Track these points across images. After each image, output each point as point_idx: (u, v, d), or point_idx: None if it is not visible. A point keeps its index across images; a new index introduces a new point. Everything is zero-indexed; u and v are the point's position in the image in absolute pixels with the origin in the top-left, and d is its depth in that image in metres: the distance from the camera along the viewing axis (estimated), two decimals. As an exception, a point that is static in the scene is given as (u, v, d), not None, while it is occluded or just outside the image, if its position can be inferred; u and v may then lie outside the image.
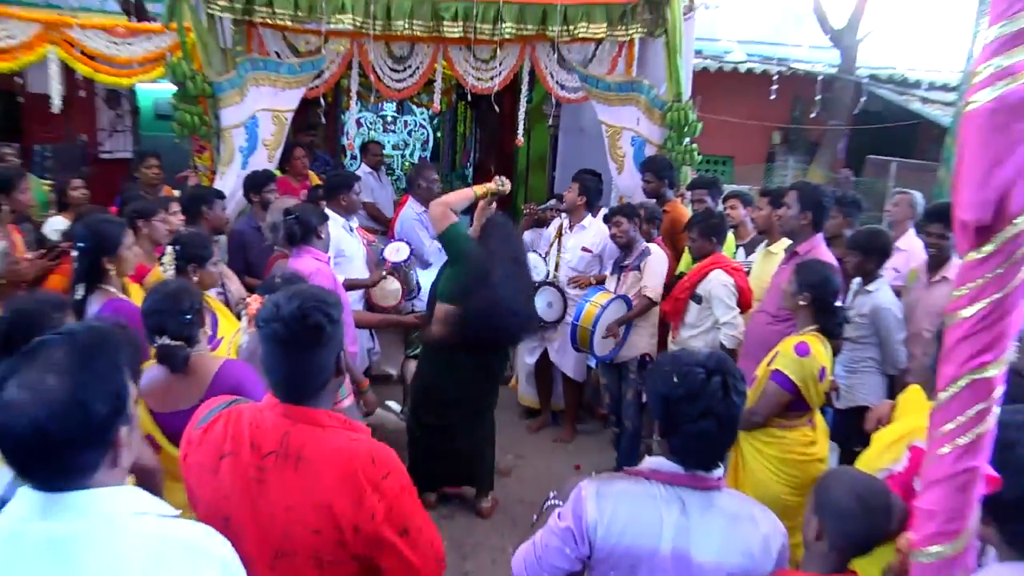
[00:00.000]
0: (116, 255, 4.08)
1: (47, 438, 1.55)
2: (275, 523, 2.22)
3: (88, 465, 1.62)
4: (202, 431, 2.35)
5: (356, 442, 2.29)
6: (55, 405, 1.56)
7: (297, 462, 2.22)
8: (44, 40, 6.97)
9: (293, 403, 2.28)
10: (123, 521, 1.64)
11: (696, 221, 5.84)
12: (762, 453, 4.23)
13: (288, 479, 2.22)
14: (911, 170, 12.20)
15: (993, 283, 1.56)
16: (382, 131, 15.62)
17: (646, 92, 7.16)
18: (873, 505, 2.41)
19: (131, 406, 1.72)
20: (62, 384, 1.57)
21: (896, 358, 5.20)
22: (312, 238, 5.00)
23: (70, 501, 1.60)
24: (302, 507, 2.21)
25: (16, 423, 1.55)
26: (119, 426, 1.66)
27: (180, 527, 1.71)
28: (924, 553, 1.72)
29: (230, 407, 2.38)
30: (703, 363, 2.33)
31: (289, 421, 2.27)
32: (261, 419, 2.29)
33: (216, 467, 2.27)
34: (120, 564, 1.59)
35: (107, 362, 1.66)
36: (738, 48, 14.71)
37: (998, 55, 1.49)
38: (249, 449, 2.25)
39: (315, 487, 2.21)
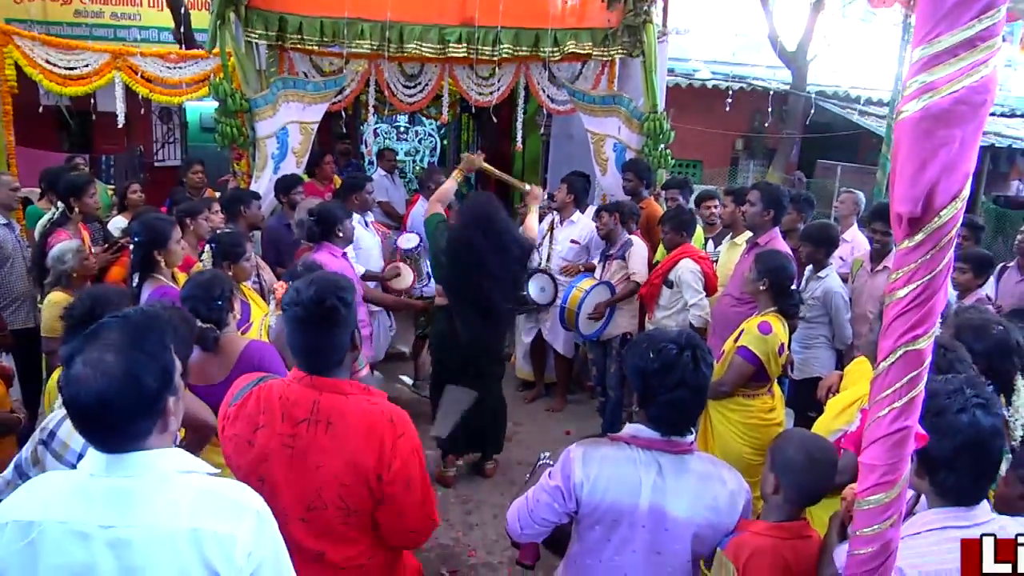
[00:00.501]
0: (166, 248, 4.14)
1: (107, 408, 1.59)
2: (307, 482, 2.25)
3: (142, 432, 1.66)
4: (237, 407, 2.37)
5: (376, 405, 2.32)
6: (113, 380, 1.59)
7: (327, 426, 2.25)
8: (111, 67, 7.05)
9: (318, 375, 2.30)
10: (172, 477, 1.68)
11: (668, 217, 5.86)
12: (728, 419, 4.24)
13: (320, 442, 2.25)
14: (854, 173, 12.24)
15: (923, 267, 1.57)
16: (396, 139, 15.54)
17: (626, 105, 7.16)
18: (820, 460, 2.42)
19: (177, 379, 1.74)
20: (118, 361, 1.60)
21: (844, 334, 5.23)
22: (331, 235, 5.05)
23: (128, 460, 1.65)
24: (333, 465, 2.24)
25: (82, 395, 1.59)
26: (167, 397, 1.69)
27: (221, 483, 1.74)
28: (866, 501, 1.73)
29: (260, 384, 2.40)
30: (675, 340, 2.34)
31: (316, 391, 2.29)
32: (290, 392, 2.31)
33: (252, 438, 2.30)
34: (168, 511, 1.63)
35: (156, 341, 1.68)
36: (705, 67, 14.71)
37: (922, 72, 1.51)
38: (280, 420, 2.28)
39: (344, 446, 2.24)
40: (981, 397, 1.97)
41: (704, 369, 2.33)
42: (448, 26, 6.61)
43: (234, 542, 1.63)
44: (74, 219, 5.27)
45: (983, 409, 1.94)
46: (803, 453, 2.41)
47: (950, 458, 1.92)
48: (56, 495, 1.67)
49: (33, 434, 2.60)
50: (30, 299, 5.32)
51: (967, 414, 1.93)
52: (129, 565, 1.60)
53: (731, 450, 4.12)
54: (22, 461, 2.56)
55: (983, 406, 1.95)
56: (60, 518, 1.62)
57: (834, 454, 2.50)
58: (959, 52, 1.46)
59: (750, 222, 5.22)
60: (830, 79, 14.96)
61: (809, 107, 13.50)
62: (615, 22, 6.92)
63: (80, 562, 1.60)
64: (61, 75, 7.01)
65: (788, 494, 2.40)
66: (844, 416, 3.16)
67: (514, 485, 5.30)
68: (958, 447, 1.92)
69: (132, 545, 1.60)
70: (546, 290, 6.60)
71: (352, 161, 9.85)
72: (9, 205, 5.47)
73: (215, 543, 1.62)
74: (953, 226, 1.55)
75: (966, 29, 1.45)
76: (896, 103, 8.03)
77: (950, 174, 1.51)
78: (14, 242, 5.35)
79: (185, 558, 1.60)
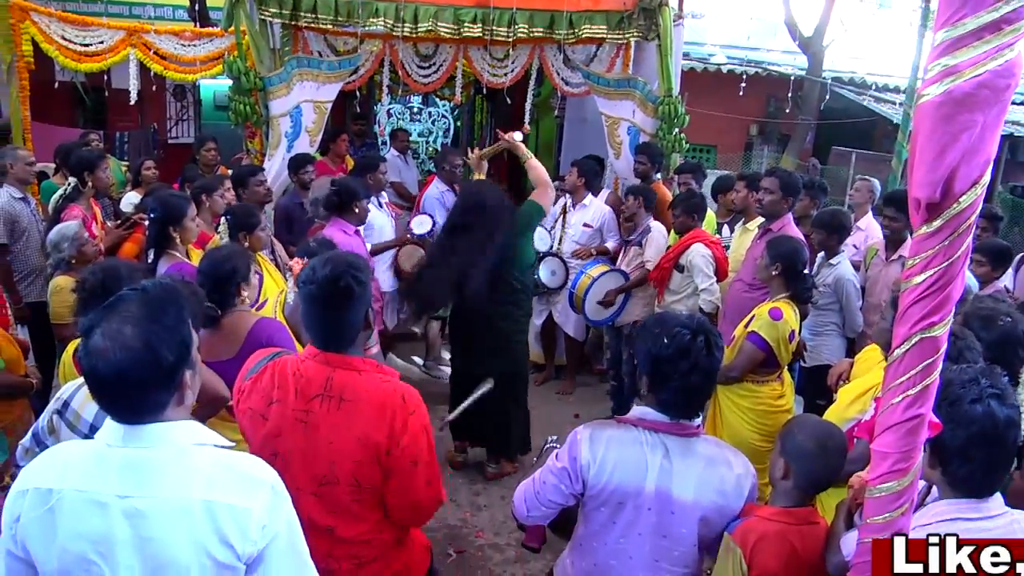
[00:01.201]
0: (181, 225, 4.17)
1: (125, 379, 1.61)
2: (320, 457, 2.28)
3: (159, 404, 1.68)
4: (252, 381, 2.40)
5: (388, 383, 2.35)
6: (132, 352, 1.60)
7: (340, 402, 2.28)
8: (126, 44, 7.05)
9: (332, 352, 2.32)
10: (188, 450, 1.70)
11: (680, 200, 5.82)
12: (737, 405, 4.22)
13: (333, 417, 2.28)
14: (868, 160, 12.13)
15: (941, 254, 1.55)
16: (409, 120, 15.53)
17: (641, 88, 7.11)
18: (830, 447, 2.40)
19: (195, 353, 1.75)
20: (137, 333, 1.61)
21: (855, 322, 5.19)
22: (348, 211, 5.04)
23: (145, 432, 1.67)
24: (345, 440, 2.27)
25: (101, 366, 1.60)
26: (184, 370, 1.70)
27: (236, 457, 1.76)
28: (877, 489, 1.72)
29: (275, 359, 2.43)
30: (687, 325, 2.32)
31: (330, 368, 2.32)
32: (304, 368, 2.34)
33: (266, 412, 2.33)
34: (184, 483, 1.65)
35: (174, 315, 1.69)
36: (720, 52, 14.59)
37: (944, 56, 1.48)
38: (294, 395, 2.30)
39: (356, 422, 2.27)
40: (996, 388, 1.94)
41: (716, 354, 2.31)
42: (463, 6, 6.57)
43: (248, 515, 1.65)
44: (86, 194, 5.29)
45: (998, 400, 1.91)
46: (813, 440, 2.39)
47: (963, 448, 1.90)
48: (74, 464, 1.69)
49: (49, 404, 2.64)
50: (45, 273, 5.34)
51: (982, 404, 1.90)
52: (145, 535, 1.62)
53: (739, 436, 4.11)
54: (39, 430, 2.61)
55: (998, 396, 1.92)
56: (78, 487, 1.64)
57: (844, 441, 2.49)
58: (984, 35, 1.43)
59: (767, 209, 5.19)
60: (846, 65, 14.83)
61: (824, 93, 13.39)
62: (631, 5, 6.87)
63: (98, 530, 1.62)
64: (77, 51, 7.02)
65: (797, 480, 2.38)
66: (857, 404, 3.13)
67: (523, 467, 5.30)
68: (972, 437, 1.89)
69: (147, 516, 1.62)
70: (557, 274, 6.59)
71: (367, 141, 9.84)
72: (25, 179, 5.49)
73: (230, 515, 1.63)
74: (972, 212, 1.52)
75: (991, 11, 1.42)
76: (913, 90, 7.94)
77: (971, 159, 1.49)
78: (29, 216, 5.38)
79: (199, 530, 1.62)
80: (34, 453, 2.55)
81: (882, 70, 14.61)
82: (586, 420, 2.58)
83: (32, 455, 2.55)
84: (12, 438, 3.41)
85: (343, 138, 7.98)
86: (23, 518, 1.67)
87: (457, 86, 7.62)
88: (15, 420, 3.62)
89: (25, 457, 2.62)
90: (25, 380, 3.73)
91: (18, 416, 3.66)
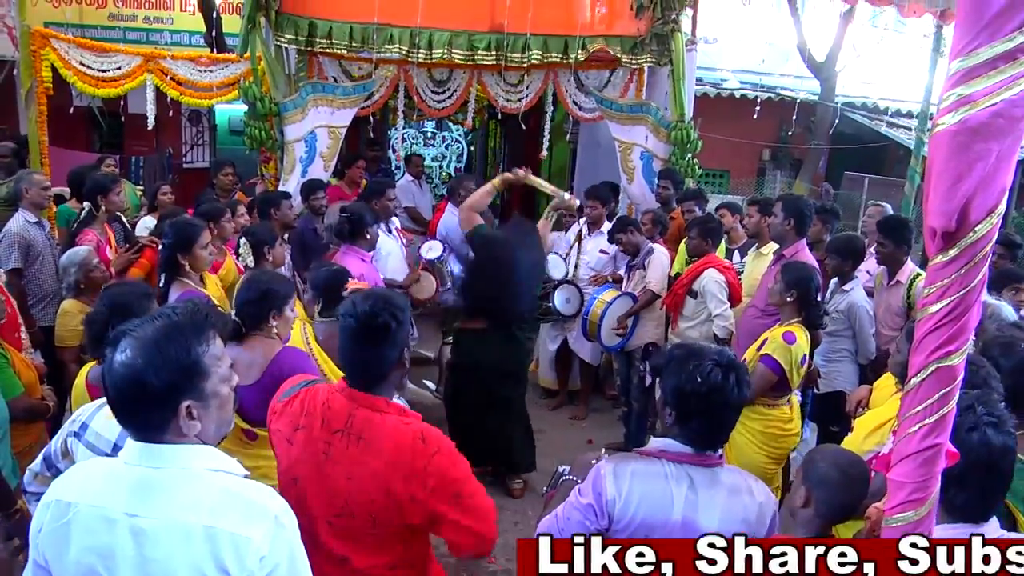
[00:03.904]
0: (191, 253, 4.14)
1: (122, 395, 1.69)
2: (337, 490, 2.29)
3: (156, 424, 1.71)
4: (284, 404, 2.46)
5: (408, 424, 2.34)
6: (128, 369, 1.67)
7: (358, 440, 2.29)
8: (143, 70, 7.12)
9: (359, 388, 2.34)
10: (199, 474, 1.72)
11: (697, 223, 5.83)
12: (748, 428, 4.20)
13: (351, 454, 2.29)
14: (881, 185, 12.12)
15: (957, 283, 1.55)
16: (423, 145, 15.63)
17: (654, 113, 7.15)
18: (854, 477, 2.39)
19: (206, 386, 1.75)
20: (136, 354, 1.67)
21: (867, 348, 5.15)
22: (359, 237, 5.04)
23: (160, 451, 1.71)
24: (361, 479, 2.27)
25: (107, 378, 1.70)
26: (182, 400, 1.71)
27: (246, 485, 1.77)
28: (894, 519, 1.70)
29: (308, 386, 2.47)
30: (720, 362, 2.31)
31: (353, 404, 2.33)
32: (333, 400, 2.36)
33: (292, 437, 2.37)
34: (189, 507, 1.67)
35: (181, 343, 1.71)
36: (733, 77, 14.61)
37: (959, 85, 1.48)
38: (320, 425, 2.33)
39: (372, 463, 2.27)
40: (993, 415, 1.97)
41: (745, 391, 2.32)
42: (477, 32, 6.64)
43: (248, 544, 1.65)
44: (100, 218, 5.33)
45: (994, 428, 1.95)
46: (837, 469, 2.39)
47: (960, 476, 1.89)
48: (92, 479, 1.76)
49: (62, 428, 2.64)
50: (59, 297, 5.38)
51: (978, 432, 1.94)
52: (147, 555, 1.65)
53: (748, 458, 4.10)
54: (51, 453, 2.61)
55: (994, 424, 1.95)
56: (92, 502, 1.69)
57: (867, 471, 2.47)
58: (999, 64, 1.43)
59: (774, 233, 5.24)
60: (858, 90, 14.82)
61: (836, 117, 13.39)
62: (643, 30, 6.92)
63: (105, 545, 1.66)
64: (94, 77, 7.07)
65: (819, 508, 2.37)
66: (875, 437, 3.11)
67: (535, 492, 5.27)
68: (968, 465, 1.89)
69: (151, 536, 1.65)
70: (572, 301, 6.58)
71: (382, 167, 9.89)
72: (40, 204, 5.51)
73: (229, 543, 1.64)
74: (988, 241, 1.52)
75: (1007, 41, 1.42)
76: (925, 115, 7.95)
77: (986, 188, 1.48)
78: (44, 240, 5.40)
79: (198, 554, 1.64)
80: (44, 477, 2.56)
81: (894, 95, 14.59)
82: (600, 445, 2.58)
83: (42, 480, 2.56)
84: (27, 460, 3.41)
85: (359, 164, 8.02)
86: (44, 529, 1.73)
87: (469, 111, 7.67)
88: (32, 443, 3.64)
89: (34, 482, 2.63)
90: (43, 404, 3.76)
91: (35, 439, 3.69)
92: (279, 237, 4.46)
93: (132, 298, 3.13)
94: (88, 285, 4.34)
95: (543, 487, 2.93)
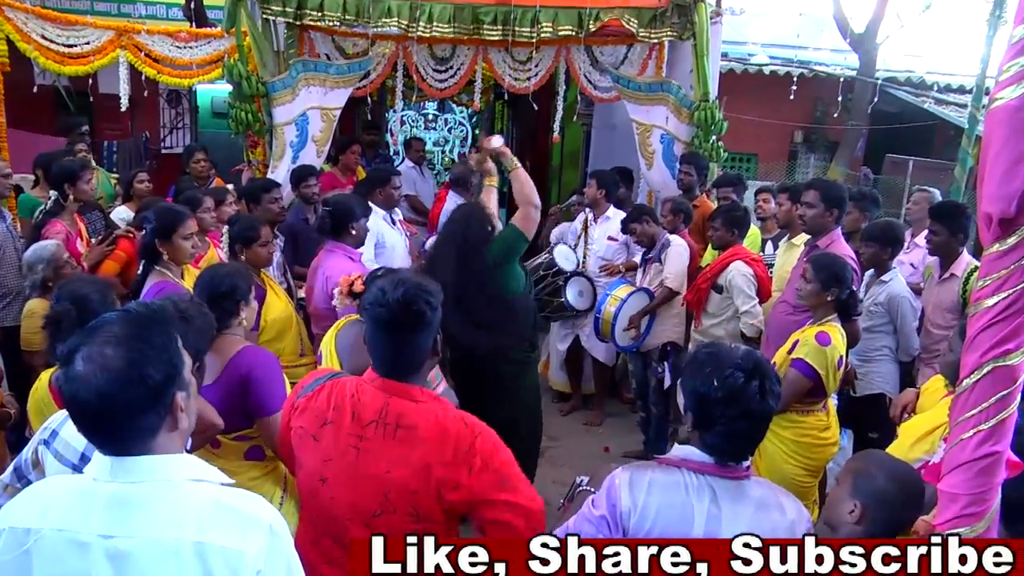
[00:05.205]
0: (170, 241, 4.12)
1: (110, 404, 1.61)
2: (374, 486, 2.34)
3: (149, 429, 1.67)
4: (306, 399, 2.49)
5: (447, 411, 2.41)
6: (115, 373, 1.60)
7: (396, 430, 2.34)
8: (115, 45, 7.04)
9: (392, 378, 2.39)
10: (181, 485, 1.69)
11: (721, 211, 5.80)
12: (779, 436, 4.14)
13: (388, 446, 2.34)
14: (927, 169, 12.01)
15: (1016, 274, 1.53)
16: (424, 128, 15.63)
17: (675, 92, 7.10)
18: (914, 493, 2.38)
19: (187, 374, 1.75)
20: (120, 353, 1.62)
21: (910, 345, 5.11)
22: (343, 233, 4.83)
23: (135, 464, 1.67)
24: (401, 470, 2.32)
25: (82, 392, 1.61)
26: (174, 391, 1.70)
27: (233, 494, 1.75)
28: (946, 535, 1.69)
29: (334, 379, 2.52)
30: (742, 365, 2.28)
31: (386, 394, 2.38)
32: (362, 392, 2.41)
33: (318, 433, 2.42)
34: (173, 522, 1.64)
35: (161, 334, 1.71)
36: (762, 51, 14.54)
37: (1023, 55, 1.45)
38: (350, 419, 2.38)
39: (413, 452, 2.32)
40: None
41: (771, 401, 2.29)
42: (482, 5, 6.62)
43: (241, 559, 1.63)
44: (68, 208, 5.30)
45: None
46: (896, 484, 2.37)
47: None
48: (57, 501, 1.69)
49: (34, 436, 2.64)
50: (23, 296, 5.35)
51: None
52: None
53: (779, 471, 4.06)
54: (22, 463, 2.61)
55: None
56: (58, 526, 1.64)
57: (923, 484, 2.45)
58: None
59: (811, 224, 5.11)
60: (902, 63, 14.69)
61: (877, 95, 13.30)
62: (664, 1, 6.88)
63: (77, 573, 1.62)
64: (59, 52, 6.95)
65: (874, 527, 2.35)
66: (924, 444, 3.09)
67: (549, 505, 5.22)
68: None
69: (132, 557, 1.61)
70: (584, 295, 6.56)
71: (380, 152, 9.89)
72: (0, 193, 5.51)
73: (221, 559, 1.62)
74: (1052, 229, 1.50)
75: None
76: (981, 88, 7.85)
77: (1050, 170, 1.47)
78: (5, 232, 5.36)
79: (188, 574, 1.61)
80: (15, 490, 2.55)
81: (943, 68, 14.45)
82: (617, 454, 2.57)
83: (12, 492, 2.56)
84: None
85: (354, 149, 8.03)
86: None
87: (476, 91, 7.65)
88: (-5, 451, 3.63)
89: (3, 494, 2.62)
90: (3, 411, 3.73)
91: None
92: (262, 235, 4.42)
93: (93, 291, 3.12)
94: (57, 282, 4.35)
95: (559, 499, 2.93)
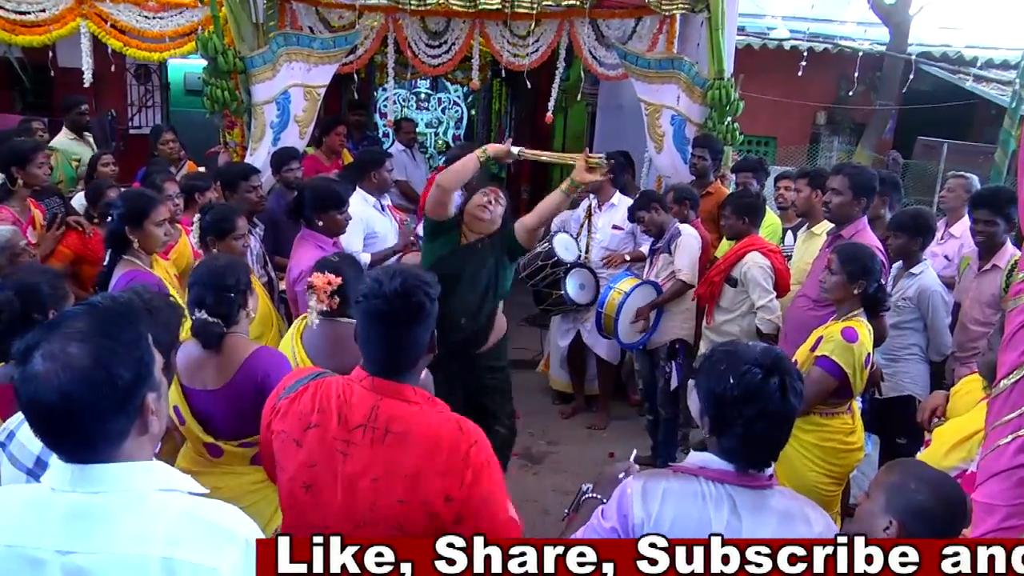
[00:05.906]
0: (141, 228, 4.11)
1: (74, 405, 1.57)
2: (360, 494, 2.33)
3: (117, 432, 1.64)
4: (288, 401, 2.47)
5: (442, 415, 2.40)
6: (80, 371, 1.57)
7: (385, 435, 2.33)
8: (76, 13, 6.93)
9: (384, 377, 2.38)
10: (149, 496, 1.66)
11: (731, 199, 5.80)
12: (801, 441, 4.13)
13: (376, 452, 2.32)
14: (964, 152, 11.93)
15: (1060, 265, 1.51)
16: (415, 109, 15.64)
17: (687, 70, 7.09)
18: (958, 510, 2.33)
19: (158, 374, 1.73)
20: (85, 351, 1.58)
21: (942, 342, 5.07)
22: (313, 222, 4.83)
23: (98, 473, 1.64)
24: (389, 479, 2.31)
25: (42, 393, 1.56)
26: (145, 392, 1.67)
27: (205, 505, 1.72)
28: (983, 549, 1.67)
29: (318, 379, 2.49)
30: (760, 361, 2.27)
31: (376, 395, 2.37)
32: (350, 392, 2.40)
33: (301, 438, 2.40)
34: (140, 536, 1.61)
35: (129, 330, 1.67)
36: (782, 25, 14.50)
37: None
38: (336, 422, 2.37)
39: (403, 459, 2.31)
40: None
41: (792, 399, 2.26)
42: (479, -26, 6.59)
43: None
44: (19, 193, 5.25)
45: None
46: (937, 498, 2.33)
47: None
48: (8, 513, 1.66)
49: None
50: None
51: None
52: None
53: (801, 477, 4.05)
54: None
55: None
56: (10, 541, 1.61)
57: (965, 497, 2.43)
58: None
59: (836, 213, 5.06)
60: (937, 37, 14.59)
61: (909, 72, 13.22)
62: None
63: None
64: (10, 20, 6.78)
65: None
66: (960, 451, 3.07)
67: (549, 515, 5.26)
68: None
69: (92, 574, 1.58)
70: (586, 287, 6.55)
71: (368, 134, 9.88)
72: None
73: None
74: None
75: None
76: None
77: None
78: (-52, 220, 5.30)
79: None
80: None
81: (984, 42, 14.35)
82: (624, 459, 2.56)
83: None
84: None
85: (340, 130, 8.00)
86: None
87: (473, 68, 7.65)
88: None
89: None
90: None
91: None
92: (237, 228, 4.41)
93: (43, 282, 3.06)
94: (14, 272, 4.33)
95: (559, 508, 2.92)
